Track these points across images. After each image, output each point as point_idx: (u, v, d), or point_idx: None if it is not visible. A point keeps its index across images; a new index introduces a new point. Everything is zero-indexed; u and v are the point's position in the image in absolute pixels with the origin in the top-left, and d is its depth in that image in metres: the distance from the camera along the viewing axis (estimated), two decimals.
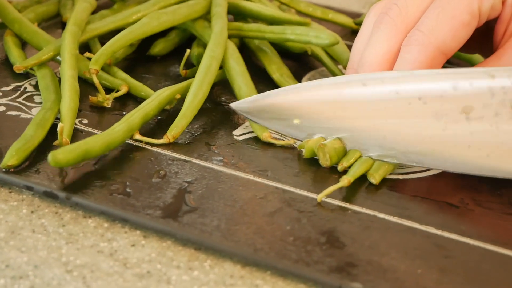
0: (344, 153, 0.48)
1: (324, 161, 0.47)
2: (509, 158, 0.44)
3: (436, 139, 0.45)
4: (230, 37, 0.58)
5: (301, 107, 0.48)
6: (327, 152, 0.47)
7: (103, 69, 0.55)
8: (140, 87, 0.54)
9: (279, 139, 0.50)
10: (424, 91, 0.45)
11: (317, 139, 0.48)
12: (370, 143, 0.47)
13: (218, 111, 0.54)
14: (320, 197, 0.44)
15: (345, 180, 0.45)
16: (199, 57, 0.58)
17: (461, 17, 0.48)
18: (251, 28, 0.59)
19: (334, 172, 0.47)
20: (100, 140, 0.46)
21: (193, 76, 0.57)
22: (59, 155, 0.44)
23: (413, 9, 0.49)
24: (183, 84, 0.53)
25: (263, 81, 0.58)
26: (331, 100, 0.47)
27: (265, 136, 0.50)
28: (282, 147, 0.50)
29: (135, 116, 0.49)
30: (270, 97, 0.49)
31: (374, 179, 0.46)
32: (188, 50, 0.56)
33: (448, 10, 0.48)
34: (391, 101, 0.45)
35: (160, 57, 0.62)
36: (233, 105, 0.50)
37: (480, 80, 0.44)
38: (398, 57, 0.48)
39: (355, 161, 0.47)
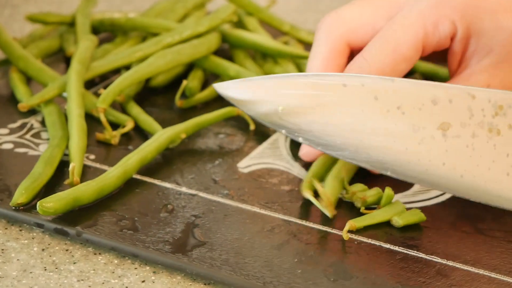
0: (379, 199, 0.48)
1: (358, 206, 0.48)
2: (482, 181, 0.44)
3: (411, 151, 0.44)
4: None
5: (284, 95, 0.46)
6: (363, 205, 0.47)
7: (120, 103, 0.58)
8: (150, 122, 0.55)
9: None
10: (404, 100, 0.44)
11: (361, 186, 0.48)
12: (347, 145, 0.46)
13: (222, 143, 0.55)
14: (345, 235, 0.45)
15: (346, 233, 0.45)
16: (194, 89, 0.59)
17: (403, 51, 0.48)
18: None
19: (340, 204, 0.48)
20: (91, 188, 0.47)
21: (189, 106, 0.59)
22: (47, 204, 0.45)
23: (348, 16, 0.50)
24: (187, 123, 0.54)
25: None
26: (311, 95, 0.45)
27: (307, 193, 0.48)
28: (287, 178, 0.51)
29: (132, 160, 0.49)
30: (256, 80, 0.48)
31: (397, 223, 0.46)
32: (184, 81, 0.58)
33: (391, 42, 0.48)
34: (369, 106, 0.45)
35: (162, 88, 0.63)
36: (216, 86, 0.49)
37: (461, 98, 0.43)
38: None
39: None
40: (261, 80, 0.47)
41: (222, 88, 0.49)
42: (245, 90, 0.48)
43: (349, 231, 0.45)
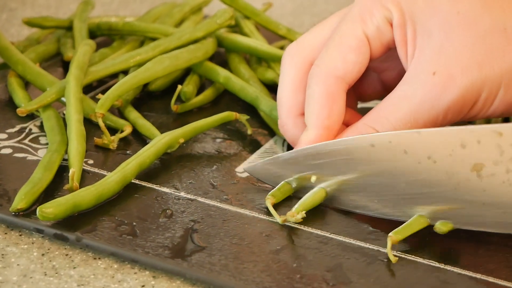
0: None
1: None
2: None
3: (449, 197, 0.45)
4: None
5: (315, 166, 0.48)
6: None
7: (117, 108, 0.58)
8: (148, 127, 0.56)
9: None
10: (433, 149, 0.44)
11: None
12: (384, 202, 0.47)
13: (220, 148, 0.55)
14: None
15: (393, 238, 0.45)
16: (190, 94, 0.60)
17: (346, 41, 0.49)
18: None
19: (338, 210, 0.49)
20: (91, 193, 0.47)
21: (184, 111, 0.60)
22: (47, 209, 0.45)
23: (307, 39, 0.52)
24: (185, 128, 0.54)
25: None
26: (342, 162, 0.47)
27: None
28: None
29: (131, 165, 0.49)
30: (284, 156, 0.49)
31: (440, 230, 0.46)
32: (179, 86, 0.58)
33: (335, 38, 0.49)
34: (400, 161, 0.45)
35: (160, 93, 0.63)
36: (247, 168, 0.51)
37: (488, 138, 0.43)
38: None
39: None
40: (289, 155, 0.49)
41: (250, 169, 0.51)
42: (274, 168, 0.49)
43: (347, 236, 0.46)
